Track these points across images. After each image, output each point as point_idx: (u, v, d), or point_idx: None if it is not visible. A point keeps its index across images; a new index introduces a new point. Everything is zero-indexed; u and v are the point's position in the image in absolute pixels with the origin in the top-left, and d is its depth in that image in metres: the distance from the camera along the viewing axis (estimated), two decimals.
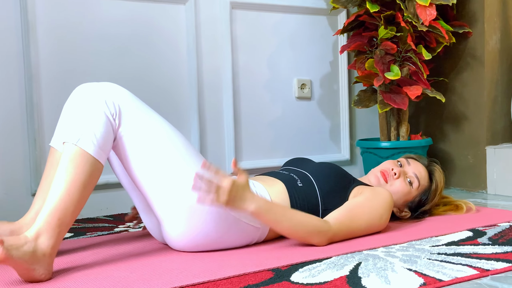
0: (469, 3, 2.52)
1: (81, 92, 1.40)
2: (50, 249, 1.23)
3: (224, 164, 2.44)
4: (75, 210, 1.28)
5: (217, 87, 2.42)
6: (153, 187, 1.38)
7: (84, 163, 1.28)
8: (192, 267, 1.32)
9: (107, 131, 1.33)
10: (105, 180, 2.15)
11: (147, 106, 1.43)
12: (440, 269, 1.25)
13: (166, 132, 1.41)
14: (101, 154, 1.32)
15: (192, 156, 1.42)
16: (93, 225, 1.96)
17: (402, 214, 1.79)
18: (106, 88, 1.38)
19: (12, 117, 2.03)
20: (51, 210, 1.24)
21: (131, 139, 1.37)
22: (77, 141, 1.29)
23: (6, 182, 2.03)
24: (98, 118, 1.32)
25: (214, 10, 2.41)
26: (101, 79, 2.17)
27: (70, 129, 1.32)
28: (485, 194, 2.46)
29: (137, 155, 1.37)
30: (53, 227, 1.24)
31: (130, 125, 1.37)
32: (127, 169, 1.40)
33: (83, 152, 1.29)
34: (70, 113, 1.41)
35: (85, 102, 1.35)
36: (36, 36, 2.05)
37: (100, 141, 1.31)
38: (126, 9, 2.23)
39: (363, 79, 2.43)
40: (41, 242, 1.22)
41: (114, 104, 1.36)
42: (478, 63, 2.50)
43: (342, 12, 2.70)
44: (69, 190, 1.26)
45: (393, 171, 1.75)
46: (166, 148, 1.39)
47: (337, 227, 1.50)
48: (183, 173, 1.38)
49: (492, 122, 2.53)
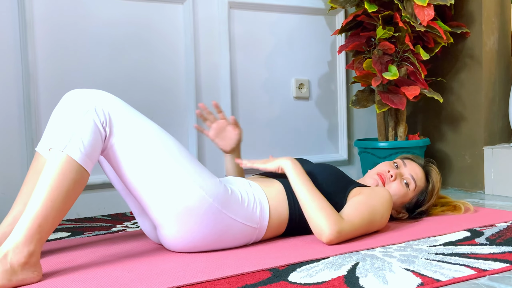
0: (467, 4, 2.53)
1: (70, 98, 1.39)
2: (28, 257, 1.20)
3: (222, 166, 2.43)
4: (56, 217, 1.25)
5: (214, 87, 2.42)
6: (148, 193, 1.37)
7: (70, 170, 1.25)
8: (190, 266, 1.32)
9: (96, 139, 1.30)
10: (102, 179, 2.15)
11: (137, 112, 1.41)
12: (437, 269, 1.25)
13: (158, 137, 1.39)
14: (88, 162, 1.29)
15: (186, 160, 1.41)
16: (91, 224, 1.96)
17: (400, 215, 1.80)
18: (96, 95, 1.36)
19: (9, 116, 2.03)
20: (32, 216, 1.21)
21: (123, 147, 1.35)
22: (64, 147, 1.26)
23: (4, 182, 2.02)
24: (87, 126, 1.30)
25: (212, 9, 2.40)
26: (98, 79, 2.17)
27: (57, 136, 1.29)
28: (483, 194, 2.47)
29: (130, 163, 1.35)
30: (32, 234, 1.21)
31: (121, 133, 1.35)
32: (120, 176, 1.39)
33: (69, 159, 1.26)
34: (59, 119, 1.39)
35: (74, 109, 1.33)
36: (33, 35, 2.04)
37: (88, 149, 1.28)
38: (124, 9, 2.22)
39: (361, 79, 2.43)
40: (16, 254, 1.19)
41: (104, 111, 1.33)
42: (476, 63, 2.51)
43: (340, 12, 2.71)
44: (51, 196, 1.23)
45: (389, 173, 1.75)
46: (159, 153, 1.37)
47: (344, 222, 1.49)
48: (178, 176, 1.37)
49: (490, 122, 2.53)
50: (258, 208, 1.50)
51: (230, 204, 1.44)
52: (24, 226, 1.21)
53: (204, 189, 1.39)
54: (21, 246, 1.20)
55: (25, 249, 1.20)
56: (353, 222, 1.51)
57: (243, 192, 1.50)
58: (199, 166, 1.43)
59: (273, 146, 2.56)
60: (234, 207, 1.45)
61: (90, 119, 1.31)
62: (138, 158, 1.35)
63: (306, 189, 1.52)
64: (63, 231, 1.84)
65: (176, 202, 1.37)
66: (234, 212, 1.45)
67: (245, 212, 1.47)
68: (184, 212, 1.38)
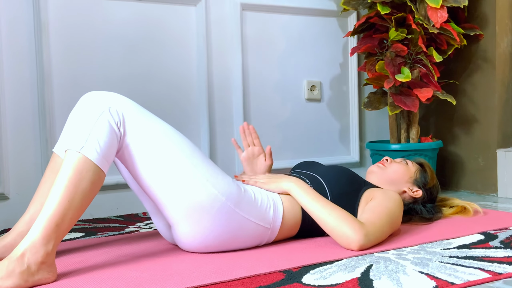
0: (481, 6, 2.51)
1: (86, 100, 1.40)
2: (45, 256, 1.21)
3: (234, 165, 2.44)
4: (73, 217, 1.26)
5: (227, 88, 2.43)
6: (161, 191, 1.38)
7: (87, 170, 1.27)
8: (203, 267, 1.32)
9: (111, 139, 1.32)
10: (115, 180, 2.16)
11: (150, 113, 1.43)
12: (452, 272, 1.24)
13: (171, 136, 1.40)
14: (104, 162, 1.30)
15: (199, 159, 1.42)
16: (104, 225, 1.97)
17: (414, 192, 1.78)
18: (110, 97, 1.38)
19: (24, 117, 2.05)
20: (49, 215, 1.23)
21: (137, 147, 1.36)
22: (80, 148, 1.28)
23: (18, 182, 2.04)
24: (102, 127, 1.31)
25: (224, 11, 2.41)
26: (112, 80, 2.18)
27: (73, 137, 1.31)
28: (496, 197, 2.45)
29: (144, 162, 1.37)
30: (49, 233, 1.22)
31: (135, 133, 1.36)
32: (135, 176, 1.40)
33: (86, 160, 1.27)
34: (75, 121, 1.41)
35: (90, 111, 1.34)
36: (48, 38, 2.06)
37: (104, 150, 1.30)
38: (138, 10, 2.24)
39: (373, 81, 2.42)
40: (35, 252, 1.20)
41: (118, 112, 1.35)
42: (489, 65, 2.49)
43: (352, 14, 2.70)
44: (68, 196, 1.24)
45: (384, 159, 1.82)
46: (173, 152, 1.38)
47: (368, 225, 1.48)
48: (191, 176, 1.38)
49: (503, 124, 2.52)
50: (272, 208, 1.51)
51: (243, 203, 1.45)
52: (41, 226, 1.22)
53: (217, 187, 1.40)
54: (38, 246, 1.21)
55: (42, 249, 1.21)
56: (374, 223, 1.50)
57: (257, 192, 1.51)
58: (212, 165, 1.44)
59: (284, 147, 2.56)
60: (247, 206, 1.45)
61: (105, 120, 1.32)
62: (151, 157, 1.37)
63: (320, 205, 1.51)
64: (76, 231, 1.86)
65: (189, 200, 1.38)
66: (247, 211, 1.45)
67: (258, 211, 1.48)
68: (197, 210, 1.39)
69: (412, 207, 1.79)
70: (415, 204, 1.79)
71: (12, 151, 2.03)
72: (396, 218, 1.58)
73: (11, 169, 2.03)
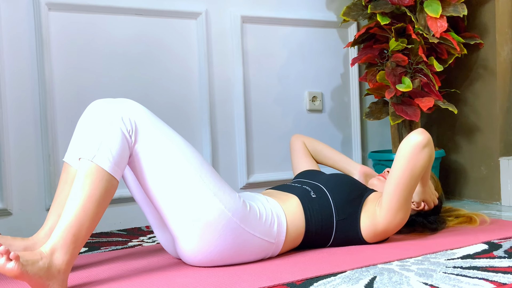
0: (480, 15, 2.52)
1: (97, 108, 1.41)
2: (64, 265, 1.24)
3: (236, 177, 2.44)
4: (90, 226, 1.28)
5: (228, 100, 2.43)
6: (168, 203, 1.39)
7: (100, 179, 1.28)
8: (207, 281, 1.32)
9: (123, 147, 1.33)
10: (118, 194, 2.16)
11: (163, 123, 1.43)
12: (456, 283, 1.24)
13: (182, 149, 1.41)
14: (117, 170, 1.32)
15: (207, 173, 1.42)
16: (107, 239, 1.97)
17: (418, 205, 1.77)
18: (122, 104, 1.38)
19: (26, 133, 2.06)
20: (66, 226, 1.25)
21: (147, 156, 1.37)
22: (93, 157, 1.29)
23: (21, 198, 2.04)
24: (114, 135, 1.32)
25: (225, 24, 2.42)
26: (113, 94, 2.19)
27: (86, 145, 1.32)
28: (499, 205, 2.44)
29: (153, 172, 1.37)
30: (68, 243, 1.24)
31: (147, 142, 1.37)
32: (143, 185, 1.40)
33: (98, 169, 1.29)
34: (86, 128, 1.42)
35: (101, 118, 1.35)
36: (50, 54, 2.08)
37: (116, 158, 1.31)
38: (138, 25, 2.25)
39: (374, 91, 2.43)
40: (56, 258, 1.23)
41: (130, 120, 1.35)
42: (490, 74, 2.50)
43: (352, 24, 2.71)
44: (84, 206, 1.26)
45: (385, 171, 1.83)
46: (182, 165, 1.39)
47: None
48: (198, 189, 1.38)
49: (505, 133, 2.51)
50: (276, 223, 1.51)
51: (249, 219, 1.44)
52: (58, 236, 1.24)
53: (224, 203, 1.40)
54: (58, 254, 1.23)
55: (61, 258, 1.23)
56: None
57: (261, 208, 1.51)
58: (220, 180, 1.44)
59: (287, 159, 2.56)
60: (253, 222, 1.45)
61: (117, 128, 1.33)
62: (160, 166, 1.37)
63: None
64: None
65: (195, 214, 1.38)
66: (253, 227, 1.45)
67: (263, 227, 1.47)
68: (203, 225, 1.39)
69: (416, 219, 1.77)
70: (418, 216, 1.77)
71: (15, 167, 2.03)
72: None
73: (14, 185, 2.03)
